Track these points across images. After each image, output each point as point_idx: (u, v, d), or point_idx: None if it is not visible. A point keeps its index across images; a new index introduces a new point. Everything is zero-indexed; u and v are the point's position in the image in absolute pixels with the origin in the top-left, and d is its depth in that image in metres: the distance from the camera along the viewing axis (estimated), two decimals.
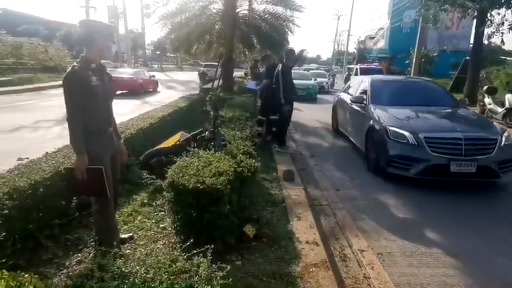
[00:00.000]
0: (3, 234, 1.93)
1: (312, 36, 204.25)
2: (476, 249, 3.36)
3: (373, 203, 4.47)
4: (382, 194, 4.73)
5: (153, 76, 19.45)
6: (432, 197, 4.71)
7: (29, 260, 2.43)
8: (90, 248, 2.49)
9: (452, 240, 3.50)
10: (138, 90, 16.40)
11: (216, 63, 13.52)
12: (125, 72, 17.66)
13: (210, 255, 1.60)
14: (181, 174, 2.66)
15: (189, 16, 11.44)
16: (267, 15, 11.89)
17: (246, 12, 11.77)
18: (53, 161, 3.10)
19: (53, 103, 12.46)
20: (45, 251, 2.56)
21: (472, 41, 16.37)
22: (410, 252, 3.25)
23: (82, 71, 2.37)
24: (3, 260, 1.88)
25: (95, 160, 2.38)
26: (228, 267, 1.50)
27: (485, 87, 12.42)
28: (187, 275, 1.33)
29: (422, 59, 24.76)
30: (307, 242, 3.04)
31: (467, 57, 17.81)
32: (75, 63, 2.40)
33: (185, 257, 1.50)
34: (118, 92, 15.10)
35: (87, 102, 2.36)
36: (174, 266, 1.38)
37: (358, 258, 3.12)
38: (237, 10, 11.58)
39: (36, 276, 1.30)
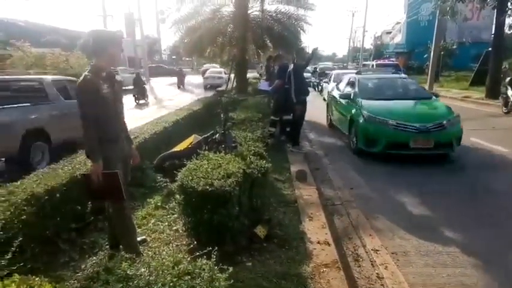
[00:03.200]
0: (20, 239, 2.01)
1: (327, 34, 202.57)
2: (496, 248, 3.25)
3: (388, 201, 4.39)
4: (398, 193, 4.64)
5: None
6: (450, 196, 4.58)
7: (47, 263, 2.53)
8: (105, 251, 2.57)
9: (471, 239, 3.40)
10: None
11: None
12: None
13: (214, 257, 1.63)
14: (190, 177, 2.70)
15: (202, 20, 11.61)
16: (278, 15, 11.91)
17: (257, 13, 11.83)
18: (69, 167, 3.22)
19: None
20: (62, 254, 2.66)
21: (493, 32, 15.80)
22: (426, 251, 3.18)
23: (94, 80, 2.43)
24: (22, 264, 1.96)
25: (108, 166, 2.46)
26: (231, 269, 1.52)
27: (507, 79, 11.94)
28: (190, 277, 1.36)
29: (442, 52, 24.08)
30: (318, 243, 3.03)
31: (489, 49, 17.19)
32: (86, 73, 2.47)
33: (189, 259, 1.53)
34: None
35: (99, 110, 2.43)
36: (177, 268, 1.41)
37: (372, 258, 3.07)
38: (249, 11, 11.66)
39: (46, 279, 1.36)
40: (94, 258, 2.53)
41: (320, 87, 18.56)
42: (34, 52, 23.42)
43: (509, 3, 13.52)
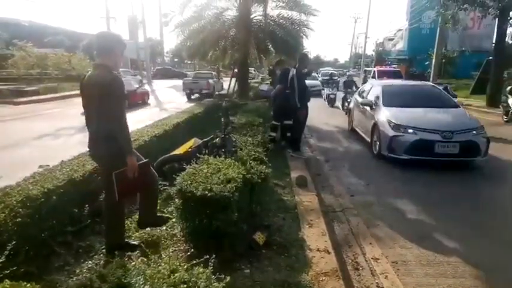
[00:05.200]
0: (14, 242, 1.97)
1: (329, 40, 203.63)
2: (499, 258, 3.20)
3: (389, 209, 4.35)
4: (399, 200, 4.60)
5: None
6: (453, 204, 4.54)
7: (42, 267, 2.48)
8: (101, 255, 2.53)
9: (472, 248, 3.35)
10: None
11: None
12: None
13: (211, 265, 1.59)
14: (189, 182, 2.66)
15: (204, 23, 11.62)
16: (281, 20, 11.94)
17: (260, 17, 11.85)
18: (68, 169, 3.18)
19: (75, 111, 12.86)
20: (57, 258, 2.62)
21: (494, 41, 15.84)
22: (427, 261, 3.13)
23: (119, 77, 2.59)
24: (15, 267, 1.92)
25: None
26: (228, 278, 1.48)
27: (508, 88, 11.94)
28: (186, 286, 1.32)
29: (443, 60, 24.14)
30: (318, 250, 2.98)
31: (490, 57, 17.23)
32: (97, 71, 2.56)
33: (185, 267, 1.49)
34: None
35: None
36: (173, 276, 1.37)
37: (372, 266, 3.02)
38: (252, 16, 11.68)
39: (38, 286, 1.32)
40: (89, 262, 2.49)
41: (346, 103, 12.25)
42: (36, 52, 23.48)
43: (511, 13, 13.54)
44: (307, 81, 7.34)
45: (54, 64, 23.59)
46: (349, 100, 11.78)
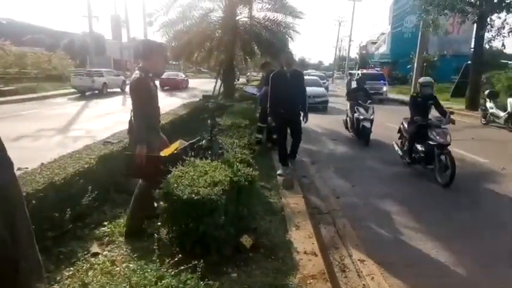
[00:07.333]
0: None
1: (314, 42, 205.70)
2: (482, 258, 3.27)
3: (374, 211, 4.40)
4: (384, 202, 4.66)
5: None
6: (436, 205, 4.63)
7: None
8: (83, 261, 2.44)
9: (456, 249, 3.42)
10: None
11: None
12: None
13: (199, 270, 1.55)
14: (175, 185, 2.61)
15: (190, 24, 11.51)
16: (267, 22, 11.92)
17: (246, 19, 11.81)
18: (48, 172, 3.07)
19: (55, 112, 12.54)
20: None
21: (473, 45, 16.32)
22: (412, 262, 3.17)
23: (145, 79, 2.97)
24: None
25: (153, 150, 3.05)
26: (216, 284, 1.45)
27: (486, 92, 12.34)
28: None
29: (424, 64, 24.74)
30: (305, 253, 2.98)
31: (469, 62, 17.75)
32: (138, 72, 2.97)
33: (172, 273, 1.44)
34: None
35: (149, 103, 2.99)
36: (160, 283, 1.33)
37: (358, 268, 3.05)
38: (237, 17, 11.63)
39: None
40: (71, 269, 2.40)
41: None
42: (14, 51, 22.77)
43: (488, 19, 14.01)
44: (308, 89, 6.42)
45: (33, 63, 22.94)
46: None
